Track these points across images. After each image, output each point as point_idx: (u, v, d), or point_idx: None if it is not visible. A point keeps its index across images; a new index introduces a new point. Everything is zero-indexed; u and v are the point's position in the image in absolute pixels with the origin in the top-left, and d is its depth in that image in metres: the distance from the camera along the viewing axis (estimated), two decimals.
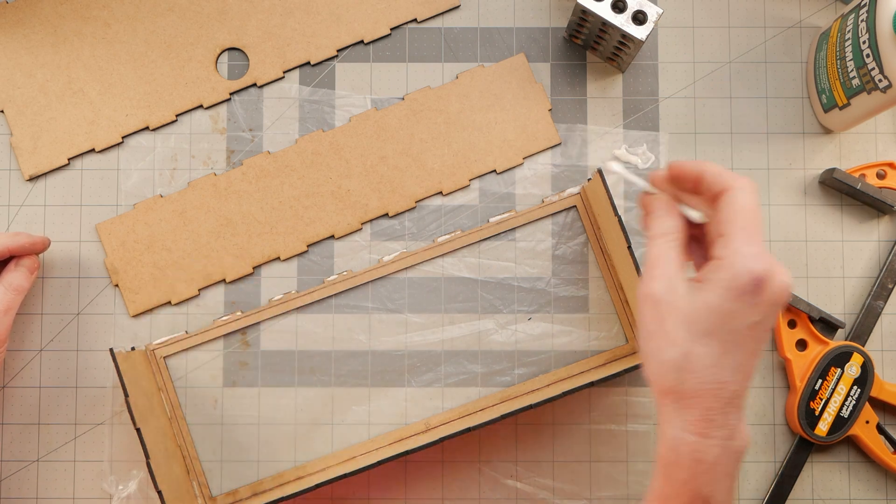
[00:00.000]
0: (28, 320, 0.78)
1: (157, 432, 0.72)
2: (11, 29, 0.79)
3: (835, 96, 0.75)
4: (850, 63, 0.72)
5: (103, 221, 0.78)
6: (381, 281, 0.78)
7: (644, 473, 0.77)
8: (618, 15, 0.73)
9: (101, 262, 0.78)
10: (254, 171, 0.79)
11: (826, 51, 0.76)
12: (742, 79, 0.80)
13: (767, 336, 0.56)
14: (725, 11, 0.81)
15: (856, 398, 0.75)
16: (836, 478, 0.77)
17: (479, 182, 0.79)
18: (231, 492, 0.77)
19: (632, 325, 0.78)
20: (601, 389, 0.78)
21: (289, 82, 0.80)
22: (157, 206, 0.78)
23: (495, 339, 0.78)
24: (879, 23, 0.67)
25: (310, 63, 0.80)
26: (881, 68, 0.68)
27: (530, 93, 0.80)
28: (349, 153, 0.79)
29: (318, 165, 0.79)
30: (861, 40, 0.70)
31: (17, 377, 0.77)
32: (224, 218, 0.78)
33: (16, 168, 0.79)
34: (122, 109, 0.79)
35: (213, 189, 0.78)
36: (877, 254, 0.79)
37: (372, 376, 0.78)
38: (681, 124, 0.80)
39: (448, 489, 0.77)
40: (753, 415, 0.78)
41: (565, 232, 0.79)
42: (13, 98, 0.79)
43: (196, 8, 0.80)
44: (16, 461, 0.77)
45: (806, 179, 0.79)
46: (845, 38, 0.72)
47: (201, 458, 0.77)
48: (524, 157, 0.79)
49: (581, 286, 0.78)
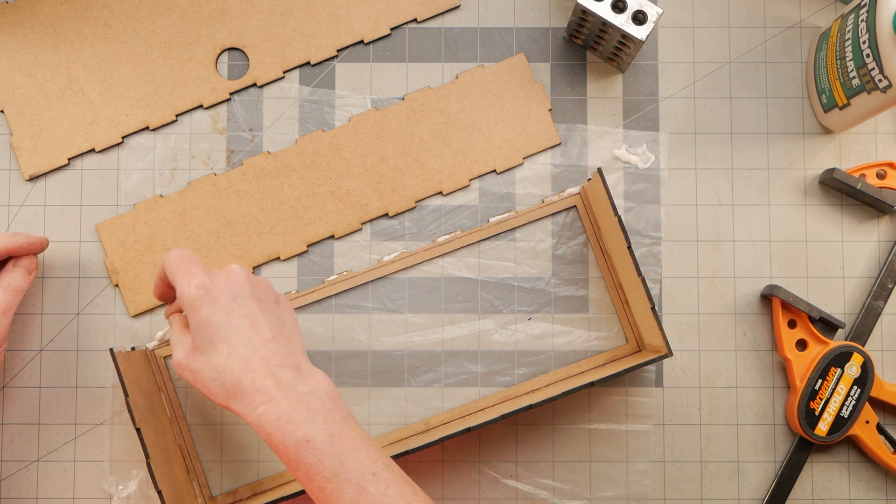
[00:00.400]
0: (28, 320, 0.78)
1: (157, 432, 0.72)
2: (11, 29, 0.79)
3: (835, 96, 0.75)
4: (850, 63, 0.72)
5: (103, 221, 0.78)
6: (381, 281, 0.78)
7: (644, 473, 0.77)
8: (618, 15, 0.73)
9: (101, 262, 0.78)
10: (254, 171, 0.79)
11: (826, 51, 0.76)
12: (742, 79, 0.80)
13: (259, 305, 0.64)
14: (725, 11, 0.81)
15: (856, 398, 0.75)
16: (836, 478, 0.78)
17: (479, 182, 0.79)
18: (231, 492, 0.77)
19: (632, 325, 0.78)
20: (601, 389, 0.78)
21: (289, 82, 0.80)
22: (157, 206, 0.78)
23: (495, 339, 0.78)
24: (879, 23, 0.67)
25: (310, 63, 0.80)
26: (881, 68, 0.68)
27: (530, 93, 0.80)
28: (349, 153, 0.79)
29: (318, 165, 0.79)
30: (861, 40, 0.70)
31: (17, 377, 0.77)
32: (224, 218, 0.78)
33: (16, 168, 0.79)
34: (122, 109, 0.79)
35: (213, 189, 0.78)
36: (877, 254, 0.79)
37: (372, 376, 0.78)
38: (681, 124, 0.80)
39: (448, 489, 0.77)
40: (753, 414, 0.78)
41: (565, 232, 0.79)
42: (13, 98, 0.79)
43: (196, 8, 0.80)
44: (16, 461, 0.77)
45: (806, 179, 0.79)
46: (845, 38, 0.72)
47: (201, 458, 0.77)
48: (524, 157, 0.79)
49: (581, 286, 0.78)
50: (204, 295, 0.63)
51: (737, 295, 0.78)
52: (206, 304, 0.63)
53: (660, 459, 0.77)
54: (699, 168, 0.79)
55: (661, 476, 0.77)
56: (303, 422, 0.60)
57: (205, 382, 0.63)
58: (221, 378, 0.62)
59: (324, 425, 0.61)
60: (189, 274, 0.64)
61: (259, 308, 0.64)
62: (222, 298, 0.63)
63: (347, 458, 0.60)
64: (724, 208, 0.79)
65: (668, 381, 0.78)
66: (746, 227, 0.79)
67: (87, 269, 0.78)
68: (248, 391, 0.61)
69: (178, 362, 0.64)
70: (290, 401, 0.61)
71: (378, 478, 0.60)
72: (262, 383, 0.61)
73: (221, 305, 0.63)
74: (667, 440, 0.77)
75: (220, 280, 0.64)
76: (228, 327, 0.62)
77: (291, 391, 0.61)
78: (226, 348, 0.62)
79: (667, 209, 0.79)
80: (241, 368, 0.61)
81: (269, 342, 0.63)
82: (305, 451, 0.60)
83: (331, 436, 0.60)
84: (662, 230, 0.79)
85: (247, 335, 0.62)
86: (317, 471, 0.60)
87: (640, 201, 0.79)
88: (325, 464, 0.60)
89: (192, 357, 0.63)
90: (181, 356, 0.64)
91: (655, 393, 0.78)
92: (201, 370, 0.63)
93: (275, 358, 0.62)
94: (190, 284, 0.63)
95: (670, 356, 0.70)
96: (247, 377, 0.61)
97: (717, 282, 0.79)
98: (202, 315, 0.63)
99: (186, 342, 0.64)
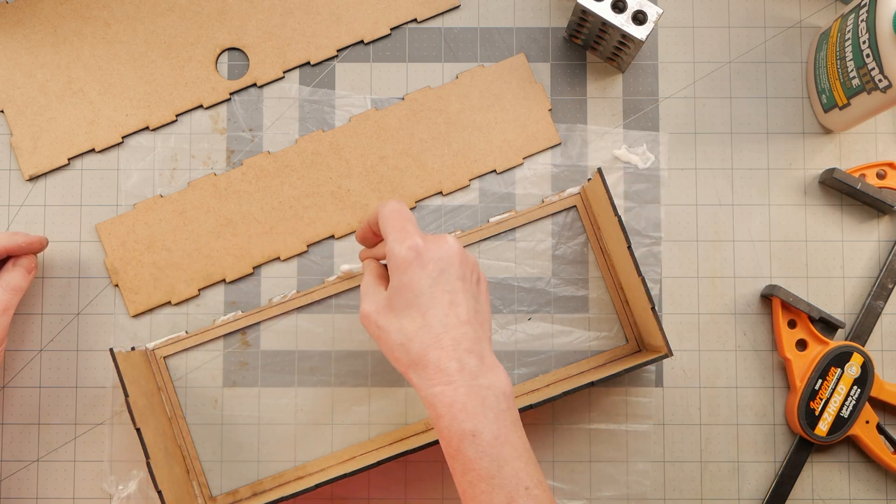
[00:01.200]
0: (28, 320, 0.78)
1: (157, 432, 0.72)
2: (11, 29, 0.79)
3: (835, 96, 0.75)
4: (850, 63, 0.72)
5: (103, 221, 0.78)
6: None
7: (644, 473, 0.77)
8: (618, 15, 0.73)
9: (101, 261, 0.78)
10: (253, 171, 0.79)
11: (826, 51, 0.76)
12: (742, 79, 0.80)
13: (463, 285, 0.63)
14: (725, 11, 0.81)
15: (856, 398, 0.75)
16: (836, 478, 0.77)
17: (479, 182, 0.79)
18: (231, 492, 0.77)
19: (632, 325, 0.78)
20: (601, 389, 0.78)
21: (289, 82, 0.80)
22: (157, 205, 0.78)
23: (495, 340, 0.78)
24: (879, 23, 0.67)
25: (310, 63, 0.80)
26: (881, 68, 0.68)
27: (530, 93, 0.80)
28: (349, 153, 0.79)
29: (318, 165, 0.79)
30: (861, 40, 0.70)
31: (17, 377, 0.77)
32: (224, 218, 0.78)
33: (16, 168, 0.79)
34: (122, 109, 0.79)
35: (212, 189, 0.78)
36: (877, 254, 0.79)
37: (372, 376, 0.78)
38: (681, 124, 0.80)
39: (448, 489, 0.77)
40: (753, 414, 0.78)
41: (565, 232, 0.79)
42: (13, 98, 0.79)
43: (196, 8, 0.80)
44: (16, 461, 0.77)
45: (806, 179, 0.79)
46: (845, 38, 0.72)
47: (201, 458, 0.77)
48: (524, 157, 0.79)
49: (581, 286, 0.78)
50: (415, 258, 0.62)
51: (737, 295, 0.78)
52: (415, 268, 0.62)
53: (660, 459, 0.77)
54: (699, 168, 0.79)
55: (661, 476, 0.77)
56: (475, 414, 0.59)
57: (389, 343, 0.62)
58: (408, 345, 0.61)
59: (494, 424, 0.59)
60: (404, 232, 0.63)
61: (462, 287, 0.63)
62: (430, 267, 0.62)
63: (507, 464, 0.59)
64: (724, 208, 0.79)
65: (668, 381, 0.78)
66: (746, 227, 0.79)
67: (87, 269, 0.78)
68: (431, 367, 0.60)
69: (366, 314, 0.64)
70: (468, 389, 0.60)
71: (530, 493, 0.59)
72: (447, 364, 0.60)
73: (428, 273, 0.62)
74: (667, 440, 0.77)
75: (433, 248, 0.63)
76: (430, 298, 0.61)
77: (472, 380, 0.60)
78: (420, 318, 0.61)
79: (667, 209, 0.79)
80: (431, 343, 0.61)
81: (463, 324, 0.62)
82: (469, 445, 0.59)
83: (497, 437, 0.59)
84: (662, 230, 0.79)
85: (444, 311, 0.61)
86: (474, 467, 0.59)
87: (640, 201, 0.79)
88: (483, 463, 0.59)
89: (383, 313, 0.63)
90: (371, 308, 0.64)
91: (655, 393, 0.78)
92: (389, 330, 0.62)
93: (464, 341, 0.61)
94: (403, 244, 0.62)
95: (670, 356, 0.70)
96: (433, 353, 0.60)
97: (717, 282, 0.79)
98: (407, 277, 0.62)
99: (380, 296, 0.64)
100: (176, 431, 0.77)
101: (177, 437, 0.76)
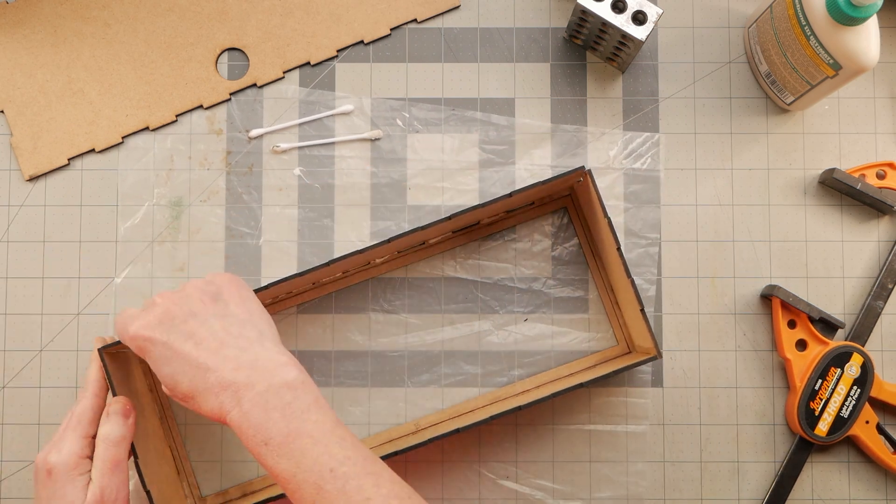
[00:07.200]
0: (28, 320, 0.78)
1: (147, 432, 0.72)
2: (11, 29, 0.79)
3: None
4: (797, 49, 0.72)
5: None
6: (379, 282, 0.78)
7: (642, 474, 0.77)
8: (618, 15, 0.73)
9: (102, 261, 0.78)
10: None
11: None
12: (742, 79, 0.80)
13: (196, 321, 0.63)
14: (725, 11, 0.81)
15: (856, 398, 0.75)
16: (835, 478, 0.77)
17: (478, 182, 0.79)
18: (221, 492, 0.77)
19: (622, 326, 0.78)
20: (600, 390, 0.78)
21: (289, 82, 0.80)
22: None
23: (493, 340, 0.78)
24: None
25: (310, 63, 0.80)
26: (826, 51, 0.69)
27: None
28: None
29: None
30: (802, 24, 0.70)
31: (17, 377, 0.77)
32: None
33: (16, 168, 0.79)
34: (122, 109, 0.79)
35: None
36: (877, 254, 0.79)
37: (371, 377, 0.78)
38: (681, 124, 0.80)
39: (448, 489, 0.77)
40: (753, 414, 0.78)
41: (562, 233, 0.79)
42: (13, 98, 0.79)
43: (196, 8, 0.80)
44: (16, 461, 0.77)
45: (806, 179, 0.79)
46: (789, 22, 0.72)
47: (191, 458, 0.77)
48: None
49: (578, 287, 0.78)
50: (144, 342, 0.63)
51: (737, 295, 0.78)
52: (149, 348, 0.63)
53: (659, 460, 0.77)
54: (699, 168, 0.79)
55: (660, 476, 0.77)
56: (259, 424, 0.59)
57: (194, 409, 0.63)
58: (197, 401, 0.62)
59: (280, 423, 0.59)
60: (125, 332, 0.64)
61: (197, 322, 0.63)
62: (157, 335, 0.63)
63: (304, 456, 0.59)
64: (724, 208, 0.79)
65: (667, 382, 0.78)
66: (746, 227, 0.79)
67: (87, 270, 0.78)
68: (216, 408, 0.61)
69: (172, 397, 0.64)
70: (249, 403, 0.60)
71: (336, 474, 0.58)
72: (223, 396, 0.61)
73: (162, 343, 0.62)
74: (666, 440, 0.77)
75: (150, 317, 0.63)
76: (177, 360, 0.62)
77: (249, 392, 0.60)
78: (184, 377, 0.62)
79: (666, 209, 0.79)
80: (204, 388, 0.61)
81: (218, 350, 0.62)
82: (265, 454, 0.59)
83: (287, 434, 0.59)
84: (662, 230, 0.79)
85: (195, 358, 0.62)
86: (276, 472, 0.59)
87: (639, 202, 0.79)
88: (282, 465, 0.59)
89: (172, 392, 0.63)
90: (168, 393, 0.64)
91: (655, 393, 0.78)
92: (184, 401, 0.63)
93: (227, 364, 0.61)
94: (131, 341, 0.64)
95: (659, 358, 0.70)
96: (210, 397, 0.61)
97: (716, 282, 0.78)
98: (151, 360, 0.63)
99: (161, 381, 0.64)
100: (166, 431, 0.77)
101: (167, 437, 0.77)
